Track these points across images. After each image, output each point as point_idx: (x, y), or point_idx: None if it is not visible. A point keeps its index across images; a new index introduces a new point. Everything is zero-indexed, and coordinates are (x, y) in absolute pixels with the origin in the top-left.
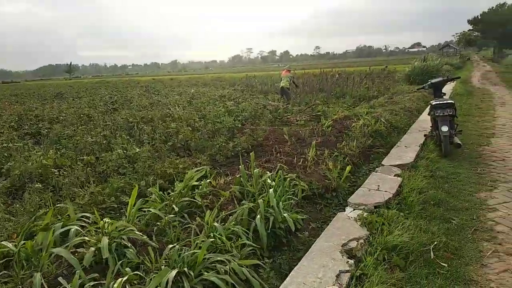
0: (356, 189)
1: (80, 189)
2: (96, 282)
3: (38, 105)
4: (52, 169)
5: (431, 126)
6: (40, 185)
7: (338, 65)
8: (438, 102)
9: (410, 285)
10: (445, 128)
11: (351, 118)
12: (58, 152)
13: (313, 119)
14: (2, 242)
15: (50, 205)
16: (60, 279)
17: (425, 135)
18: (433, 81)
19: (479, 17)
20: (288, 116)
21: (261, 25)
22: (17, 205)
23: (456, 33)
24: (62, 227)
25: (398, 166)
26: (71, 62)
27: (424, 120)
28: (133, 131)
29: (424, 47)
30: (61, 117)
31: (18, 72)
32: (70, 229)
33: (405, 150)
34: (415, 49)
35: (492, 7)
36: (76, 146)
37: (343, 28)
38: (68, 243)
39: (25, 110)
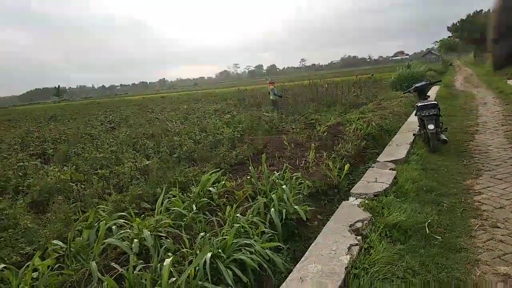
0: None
1: (100, 200)
2: (144, 265)
3: (34, 128)
4: (70, 183)
5: (418, 126)
6: (62, 198)
7: (325, 76)
8: (423, 104)
9: (411, 254)
10: (431, 126)
11: (343, 124)
12: (71, 169)
13: (307, 126)
14: (53, 241)
15: (78, 213)
16: (113, 264)
17: (414, 134)
18: (417, 85)
19: (458, 24)
20: (284, 126)
21: (241, 40)
22: (49, 215)
23: (436, 41)
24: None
25: (392, 161)
26: (59, 85)
27: (412, 122)
28: (137, 146)
29: (407, 55)
30: (63, 138)
31: (4, 97)
32: (112, 226)
33: (397, 148)
34: (399, 57)
35: (470, 14)
36: (86, 162)
37: (325, 40)
38: (114, 236)
39: (25, 133)
